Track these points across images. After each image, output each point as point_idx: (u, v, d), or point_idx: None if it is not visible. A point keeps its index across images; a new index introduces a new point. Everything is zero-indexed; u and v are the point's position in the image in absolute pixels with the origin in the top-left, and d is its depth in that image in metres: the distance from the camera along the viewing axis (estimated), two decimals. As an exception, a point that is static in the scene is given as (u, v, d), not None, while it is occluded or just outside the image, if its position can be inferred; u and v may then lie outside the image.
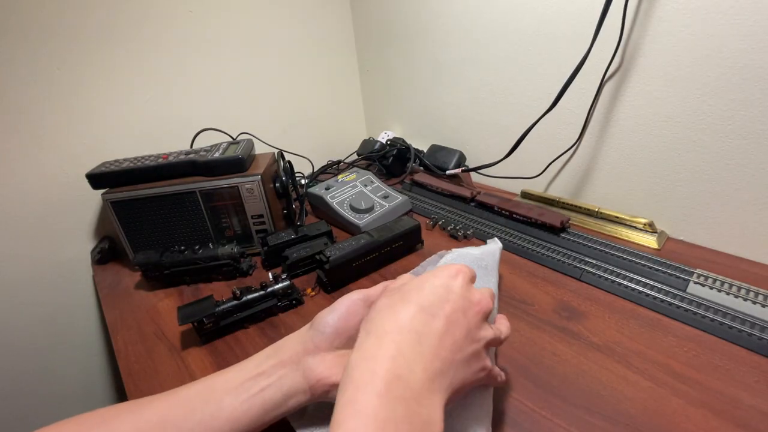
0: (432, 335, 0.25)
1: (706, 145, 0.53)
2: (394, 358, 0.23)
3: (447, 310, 0.27)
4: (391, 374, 0.22)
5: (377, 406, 0.21)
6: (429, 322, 0.26)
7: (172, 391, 0.30)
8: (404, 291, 0.28)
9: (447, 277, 0.29)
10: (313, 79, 0.96)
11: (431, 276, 0.29)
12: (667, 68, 0.53)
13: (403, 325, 0.25)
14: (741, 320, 0.43)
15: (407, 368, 0.23)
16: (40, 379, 0.73)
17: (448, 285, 0.28)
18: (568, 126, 0.66)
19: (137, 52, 0.71)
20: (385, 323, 0.26)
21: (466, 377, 0.27)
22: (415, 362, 0.23)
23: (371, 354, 0.24)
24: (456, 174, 0.81)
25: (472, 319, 0.28)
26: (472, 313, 0.28)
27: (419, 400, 0.22)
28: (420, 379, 0.23)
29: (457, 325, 0.26)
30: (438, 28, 0.81)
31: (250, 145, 0.67)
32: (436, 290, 0.28)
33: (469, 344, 0.27)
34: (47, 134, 0.65)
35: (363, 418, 0.20)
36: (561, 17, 0.61)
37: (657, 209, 0.60)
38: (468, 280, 0.30)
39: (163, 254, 0.58)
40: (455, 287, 0.28)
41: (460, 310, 0.27)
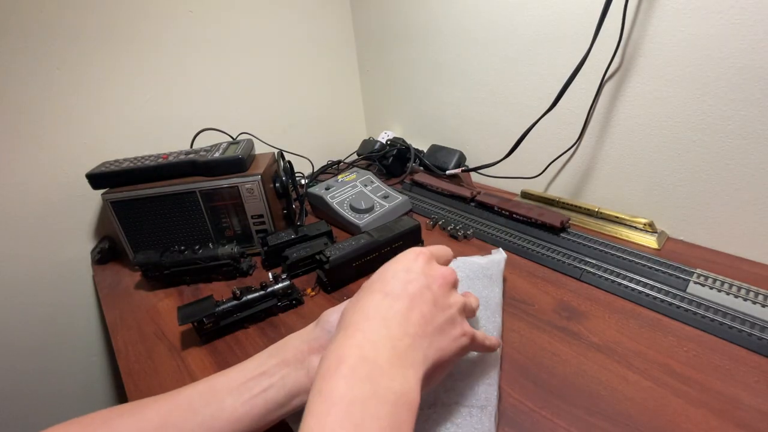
0: (397, 315, 0.26)
1: (706, 145, 0.53)
2: (360, 344, 0.24)
3: (410, 289, 0.28)
4: (356, 358, 0.23)
5: (343, 388, 0.22)
6: (392, 305, 0.27)
7: (174, 392, 0.30)
8: (370, 284, 0.30)
9: (407, 261, 0.30)
10: (313, 79, 0.96)
11: (393, 263, 0.31)
12: (667, 68, 0.53)
13: (368, 313, 0.26)
14: (741, 320, 0.43)
15: (373, 350, 0.24)
16: (41, 378, 0.73)
17: (408, 267, 0.29)
18: (568, 126, 0.66)
19: (137, 52, 0.71)
20: (353, 316, 0.27)
21: (444, 346, 0.28)
22: (381, 343, 0.24)
23: (339, 345, 0.25)
24: (456, 174, 0.81)
25: (438, 291, 0.29)
26: (436, 285, 0.29)
27: (390, 376, 0.23)
28: (388, 357, 0.24)
29: (422, 300, 0.28)
30: (438, 28, 0.81)
31: (250, 145, 0.67)
32: (397, 275, 0.29)
33: (439, 313, 0.28)
34: (47, 134, 0.65)
35: (329, 401, 0.21)
36: (561, 17, 0.61)
37: (657, 209, 0.60)
38: (427, 259, 0.31)
39: (163, 254, 0.58)
40: (415, 267, 0.29)
41: (423, 286, 0.28)
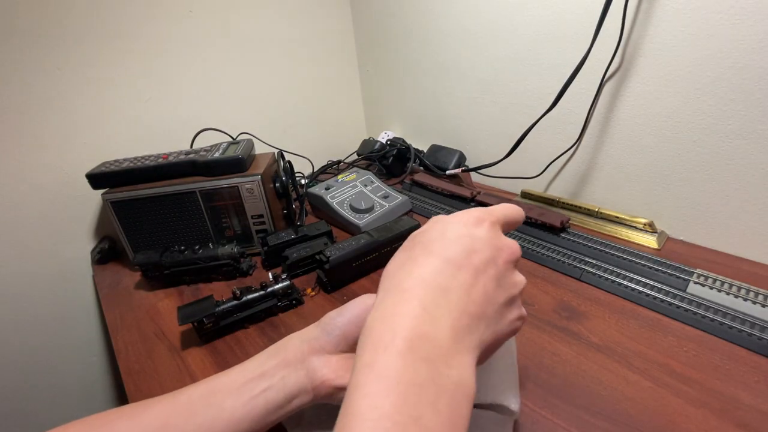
0: (459, 289, 0.23)
1: (706, 145, 0.53)
2: (417, 315, 0.21)
3: (474, 260, 0.24)
4: (413, 333, 0.20)
5: (400, 367, 0.19)
6: (455, 275, 0.23)
7: (174, 393, 0.30)
8: (425, 241, 0.25)
9: (470, 223, 0.26)
10: (313, 79, 0.96)
11: (453, 223, 0.26)
12: (667, 68, 0.53)
13: (427, 279, 0.23)
14: (741, 320, 0.43)
15: (432, 326, 0.21)
16: (41, 378, 0.73)
17: (472, 233, 0.25)
18: (568, 126, 0.66)
19: (138, 53, 0.71)
20: (406, 279, 0.23)
21: (500, 329, 0.25)
22: (442, 319, 0.21)
23: (390, 312, 0.21)
24: (456, 174, 0.81)
25: (502, 266, 0.25)
26: (502, 260, 0.25)
27: (447, 361, 0.20)
28: (447, 337, 0.21)
29: (486, 276, 0.24)
30: (438, 28, 0.81)
31: (250, 145, 0.67)
32: (461, 239, 0.25)
33: (501, 292, 0.25)
34: (47, 134, 0.65)
35: (384, 381, 0.18)
36: (561, 17, 0.61)
37: (657, 209, 0.60)
38: (493, 226, 0.26)
39: (163, 254, 0.58)
40: (480, 234, 0.25)
41: (489, 259, 0.24)
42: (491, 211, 0.27)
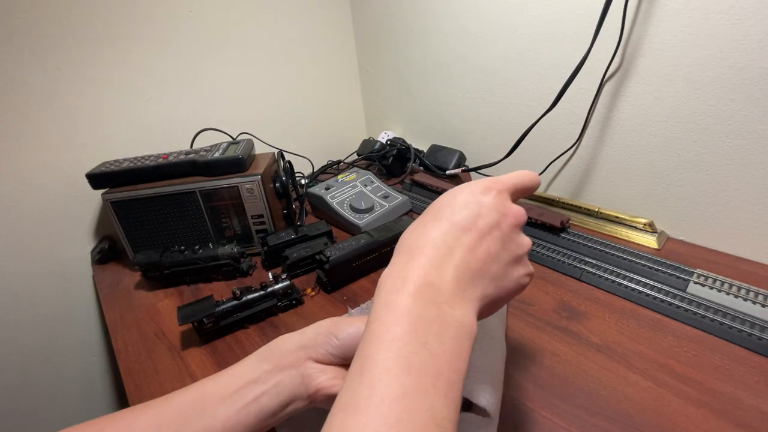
0: (463, 247, 0.25)
1: (706, 145, 0.53)
2: (425, 268, 0.24)
3: (479, 223, 0.26)
4: (421, 280, 0.23)
5: (410, 304, 0.22)
6: (460, 236, 0.26)
7: (163, 400, 0.29)
8: (436, 208, 0.28)
9: (478, 192, 0.28)
10: (313, 79, 0.96)
11: (463, 191, 0.28)
12: (667, 68, 0.53)
13: (435, 240, 0.25)
14: (741, 320, 0.43)
15: (438, 276, 0.23)
16: (41, 378, 0.73)
17: (479, 201, 0.27)
18: (568, 126, 0.66)
19: (137, 53, 0.71)
20: (417, 240, 0.26)
21: (505, 285, 0.27)
22: (447, 272, 0.24)
23: (401, 266, 0.24)
24: (456, 174, 0.81)
25: (507, 230, 0.27)
26: (507, 224, 0.27)
27: (451, 305, 0.23)
28: (451, 286, 0.23)
29: (490, 237, 0.26)
30: (438, 28, 0.81)
31: (250, 145, 0.67)
32: (468, 205, 0.27)
33: (506, 254, 0.27)
34: (47, 134, 0.65)
35: (397, 313, 0.21)
36: (561, 17, 0.61)
37: (657, 209, 0.60)
38: (499, 193, 0.28)
39: (163, 254, 0.58)
40: (487, 201, 0.27)
41: (494, 223, 0.27)
42: (499, 180, 0.29)
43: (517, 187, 0.30)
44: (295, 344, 0.31)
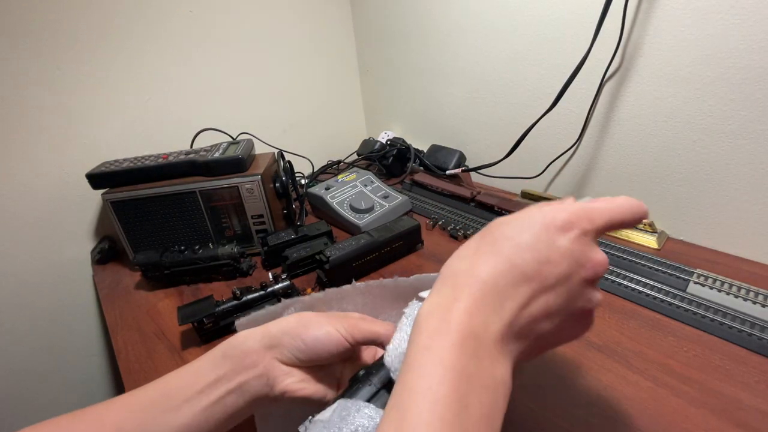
0: (518, 299, 0.21)
1: (706, 145, 0.53)
2: (470, 314, 0.21)
3: (546, 273, 0.22)
4: (466, 330, 0.20)
5: (454, 357, 0.20)
6: (517, 285, 0.21)
7: (127, 397, 0.29)
8: (497, 235, 0.23)
9: (555, 229, 0.22)
10: (313, 78, 0.96)
11: (534, 223, 0.23)
12: (667, 68, 0.53)
13: (486, 280, 0.22)
14: (741, 320, 0.43)
15: (483, 327, 0.21)
16: (41, 378, 0.73)
17: (552, 242, 0.22)
18: (568, 126, 0.66)
19: (137, 52, 0.71)
20: (466, 271, 0.22)
21: (553, 342, 0.24)
22: (493, 323, 0.21)
23: (446, 304, 0.22)
24: (456, 174, 0.81)
25: (578, 284, 0.23)
26: (580, 277, 0.22)
27: (492, 361, 0.21)
28: (494, 341, 0.21)
29: (553, 292, 0.22)
30: (438, 28, 0.81)
31: (250, 145, 0.67)
32: (536, 247, 0.22)
33: (567, 311, 0.23)
34: (47, 134, 0.65)
35: (441, 365, 0.20)
36: (561, 17, 0.61)
37: (657, 209, 0.60)
38: (582, 234, 0.23)
39: (163, 254, 0.58)
40: (562, 244, 0.22)
41: (563, 276, 0.22)
42: (588, 214, 0.23)
43: (612, 224, 0.24)
44: (258, 343, 0.30)
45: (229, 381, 0.28)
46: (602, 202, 0.24)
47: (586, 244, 0.23)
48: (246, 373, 0.29)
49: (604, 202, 0.24)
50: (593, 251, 0.23)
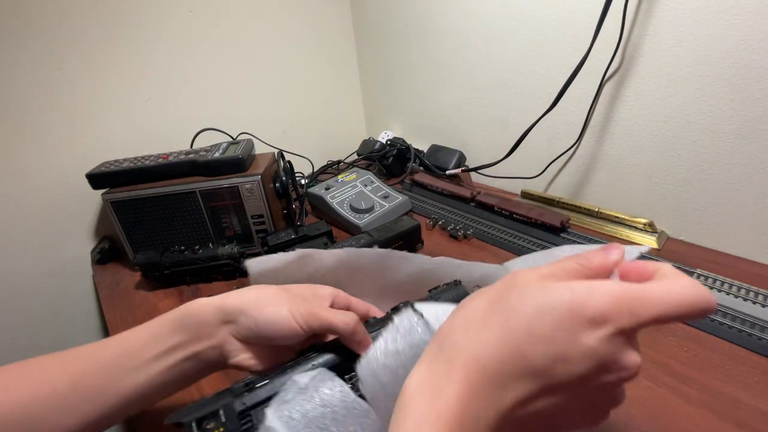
0: (519, 394, 0.18)
1: (706, 145, 0.53)
2: (463, 403, 0.18)
3: (559, 372, 0.18)
4: (455, 421, 0.18)
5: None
6: (522, 379, 0.18)
7: (91, 349, 0.30)
8: (511, 309, 0.19)
9: (583, 321, 0.18)
10: (313, 78, 0.96)
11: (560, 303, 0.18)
12: (667, 68, 0.53)
13: (487, 366, 0.18)
14: (741, 320, 0.43)
15: (474, 419, 0.18)
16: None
17: (574, 337, 0.18)
18: (568, 126, 0.66)
19: (137, 53, 0.71)
20: (464, 349, 0.19)
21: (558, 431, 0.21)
22: (486, 416, 0.18)
23: (438, 383, 0.19)
24: (456, 174, 0.81)
25: (596, 390, 0.19)
26: (600, 382, 0.18)
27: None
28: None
29: (563, 394, 0.18)
30: (438, 29, 0.81)
31: (250, 145, 0.67)
32: (555, 336, 0.18)
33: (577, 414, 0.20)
34: (47, 134, 0.65)
35: None
36: (561, 17, 0.61)
37: (657, 209, 0.60)
38: (617, 334, 0.18)
39: (163, 254, 0.58)
40: (587, 343, 0.18)
41: (580, 378, 0.18)
42: (633, 308, 0.18)
43: (662, 321, 0.18)
44: (213, 316, 0.30)
45: (185, 349, 0.29)
46: (658, 287, 0.18)
47: (619, 345, 0.18)
48: (201, 343, 0.29)
49: (659, 289, 0.18)
50: (625, 354, 0.18)
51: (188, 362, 0.29)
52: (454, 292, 0.33)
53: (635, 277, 0.20)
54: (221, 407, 0.26)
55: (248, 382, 0.28)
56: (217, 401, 0.26)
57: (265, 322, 0.29)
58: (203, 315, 0.30)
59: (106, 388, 0.28)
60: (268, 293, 0.31)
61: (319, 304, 0.31)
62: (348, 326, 0.28)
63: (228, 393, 0.27)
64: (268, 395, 0.27)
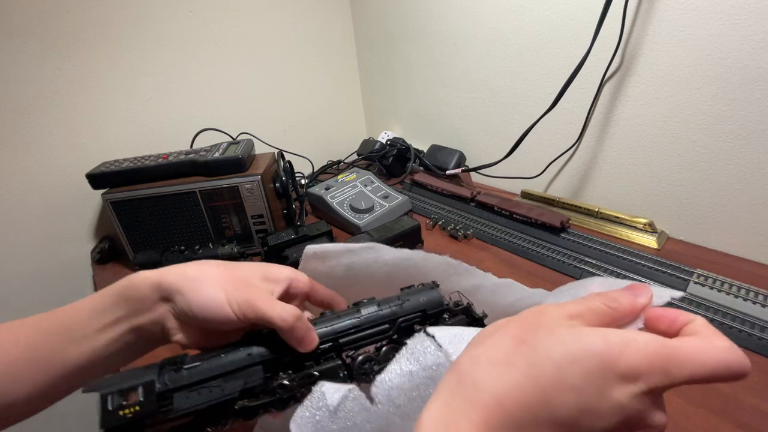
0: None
1: (706, 145, 0.53)
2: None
3: (583, 424, 0.17)
4: None
5: None
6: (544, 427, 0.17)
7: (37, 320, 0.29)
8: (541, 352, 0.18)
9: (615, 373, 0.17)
10: (313, 79, 0.96)
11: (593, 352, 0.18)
12: (667, 68, 0.53)
13: (510, 411, 0.18)
14: (741, 320, 0.43)
15: None
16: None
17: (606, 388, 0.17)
18: (568, 126, 0.66)
19: (137, 53, 0.71)
20: (486, 388, 0.18)
21: None
22: None
23: (455, 422, 0.18)
24: (456, 174, 0.81)
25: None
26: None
27: None
28: None
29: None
30: (438, 29, 0.81)
31: (250, 145, 0.67)
32: (585, 387, 0.17)
33: None
34: (47, 134, 0.65)
35: None
36: (561, 17, 0.61)
37: (657, 209, 0.60)
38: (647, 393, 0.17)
39: (163, 254, 0.58)
40: (617, 398, 0.17)
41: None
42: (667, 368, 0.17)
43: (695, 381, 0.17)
44: (151, 291, 0.28)
45: (127, 322, 0.28)
46: (693, 347, 0.18)
47: (648, 403, 0.18)
48: (142, 317, 0.28)
49: (694, 349, 0.18)
50: (653, 413, 0.18)
51: (131, 335, 0.28)
52: (425, 295, 0.31)
53: (664, 326, 0.20)
54: (141, 384, 0.25)
55: (178, 360, 0.27)
56: (141, 376, 0.25)
57: (199, 307, 0.28)
58: (142, 290, 0.28)
59: (55, 358, 0.27)
60: (208, 273, 0.29)
61: (260, 292, 0.29)
62: (285, 322, 0.27)
63: (153, 369, 0.26)
64: (194, 380, 0.26)
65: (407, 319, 0.30)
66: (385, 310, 0.30)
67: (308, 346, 0.28)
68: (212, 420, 0.26)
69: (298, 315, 0.27)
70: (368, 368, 0.29)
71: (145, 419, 0.24)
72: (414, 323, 0.30)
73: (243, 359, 0.27)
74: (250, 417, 0.27)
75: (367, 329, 0.30)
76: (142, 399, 0.24)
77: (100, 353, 0.28)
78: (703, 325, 0.19)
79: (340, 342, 0.29)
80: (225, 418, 0.27)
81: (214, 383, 0.26)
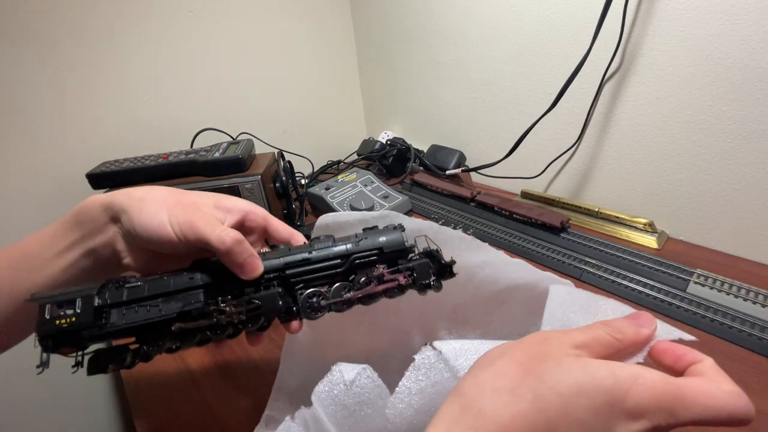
0: None
1: (706, 145, 0.53)
2: None
3: None
4: None
5: None
6: None
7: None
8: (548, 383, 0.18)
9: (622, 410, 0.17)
10: (313, 79, 0.96)
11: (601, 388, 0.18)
12: (667, 68, 0.53)
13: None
14: (741, 320, 0.43)
15: None
16: (40, 378, 0.73)
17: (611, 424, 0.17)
18: (568, 126, 0.66)
19: (137, 53, 0.71)
20: (491, 416, 0.18)
21: None
22: None
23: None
24: (456, 174, 0.81)
25: None
26: None
27: None
28: None
29: None
30: (438, 29, 0.81)
31: (250, 145, 0.67)
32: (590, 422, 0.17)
33: None
34: (47, 134, 0.65)
35: None
36: (561, 17, 0.61)
37: (657, 209, 0.60)
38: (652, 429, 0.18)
39: (163, 254, 0.58)
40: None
41: None
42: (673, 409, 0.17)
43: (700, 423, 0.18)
44: (101, 212, 0.29)
45: (81, 245, 0.29)
46: (700, 389, 0.18)
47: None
48: (95, 239, 0.29)
49: (701, 392, 0.18)
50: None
51: (86, 259, 0.29)
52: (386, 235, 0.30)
53: (670, 360, 0.20)
54: (80, 297, 0.25)
55: (122, 279, 0.27)
56: (82, 291, 0.26)
57: (142, 226, 0.27)
58: (93, 211, 0.29)
59: (15, 288, 0.28)
60: (155, 194, 0.29)
61: (204, 216, 0.28)
62: (223, 244, 0.26)
63: (96, 285, 0.26)
64: (132, 298, 0.26)
65: (362, 256, 0.29)
66: (339, 247, 0.30)
67: (250, 273, 0.27)
68: (149, 339, 0.27)
69: (239, 239, 0.27)
70: (315, 303, 0.28)
71: (82, 331, 0.25)
72: (370, 261, 0.30)
73: (185, 282, 0.27)
74: (188, 340, 0.27)
75: (316, 263, 0.29)
76: (79, 311, 0.25)
77: (59, 279, 0.28)
78: (712, 366, 0.19)
79: (287, 273, 0.29)
80: (162, 339, 0.27)
81: (152, 303, 0.26)
